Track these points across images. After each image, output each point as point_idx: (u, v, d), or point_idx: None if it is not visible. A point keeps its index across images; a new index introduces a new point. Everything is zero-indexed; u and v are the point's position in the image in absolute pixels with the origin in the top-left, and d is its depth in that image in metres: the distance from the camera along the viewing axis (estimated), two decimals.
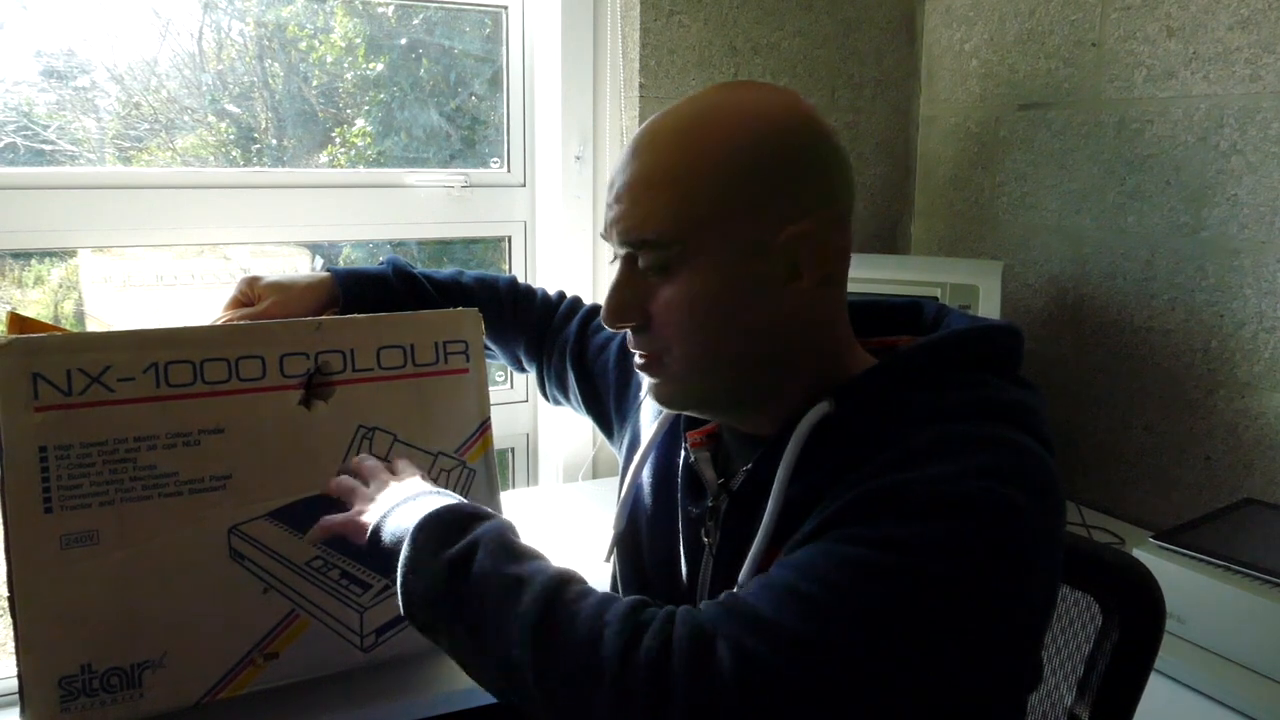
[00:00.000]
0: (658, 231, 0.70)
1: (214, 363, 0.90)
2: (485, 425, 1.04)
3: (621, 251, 0.74)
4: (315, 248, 1.75)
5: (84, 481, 0.84)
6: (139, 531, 0.86)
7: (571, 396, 1.12)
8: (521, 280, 1.20)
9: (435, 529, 0.71)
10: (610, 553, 0.90)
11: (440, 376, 1.02)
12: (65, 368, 0.84)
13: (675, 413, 0.85)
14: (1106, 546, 0.88)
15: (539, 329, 1.15)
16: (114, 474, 0.85)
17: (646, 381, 0.78)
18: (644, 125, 0.75)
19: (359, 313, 1.01)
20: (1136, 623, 0.81)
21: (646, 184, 0.71)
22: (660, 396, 0.77)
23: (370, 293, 1.07)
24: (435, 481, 0.85)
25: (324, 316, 1.01)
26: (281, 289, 1.02)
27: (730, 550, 0.76)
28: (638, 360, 0.76)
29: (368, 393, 0.98)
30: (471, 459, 1.03)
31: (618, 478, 0.97)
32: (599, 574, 0.89)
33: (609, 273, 1.70)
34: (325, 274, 1.06)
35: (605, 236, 0.75)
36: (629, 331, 0.75)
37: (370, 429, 0.97)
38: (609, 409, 1.06)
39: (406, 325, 1.01)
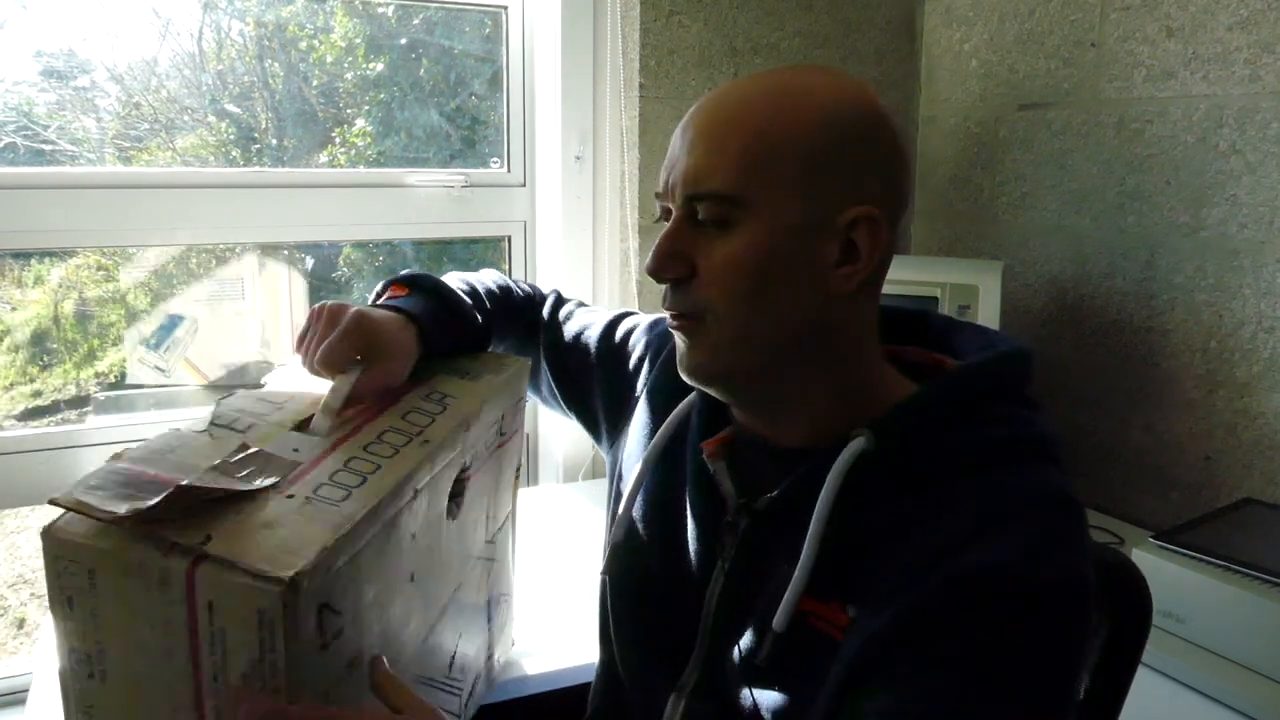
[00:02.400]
0: (725, 182, 0.68)
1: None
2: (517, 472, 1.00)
3: (679, 204, 0.71)
4: (315, 248, 1.75)
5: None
6: None
7: (547, 393, 1.05)
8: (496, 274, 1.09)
9: None
10: (607, 563, 0.86)
11: (511, 440, 0.95)
12: (344, 583, 0.63)
13: (684, 412, 0.82)
14: (1094, 543, 0.88)
15: (526, 330, 1.07)
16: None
17: (680, 344, 0.73)
18: (718, 88, 0.73)
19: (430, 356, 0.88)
20: (1124, 620, 0.81)
21: (721, 135, 0.69)
22: (688, 364, 0.73)
23: (448, 336, 0.93)
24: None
25: (465, 412, 0.82)
26: (376, 345, 0.82)
27: (747, 571, 0.74)
28: (671, 321, 0.73)
29: (479, 480, 0.87)
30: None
31: (607, 480, 0.95)
32: (595, 581, 0.88)
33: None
34: (408, 322, 0.87)
35: (661, 195, 0.73)
36: (668, 288, 0.72)
37: (484, 515, 0.89)
38: (594, 405, 1.00)
39: (503, 393, 0.89)
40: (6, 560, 2.48)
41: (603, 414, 1.00)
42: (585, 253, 1.68)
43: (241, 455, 0.66)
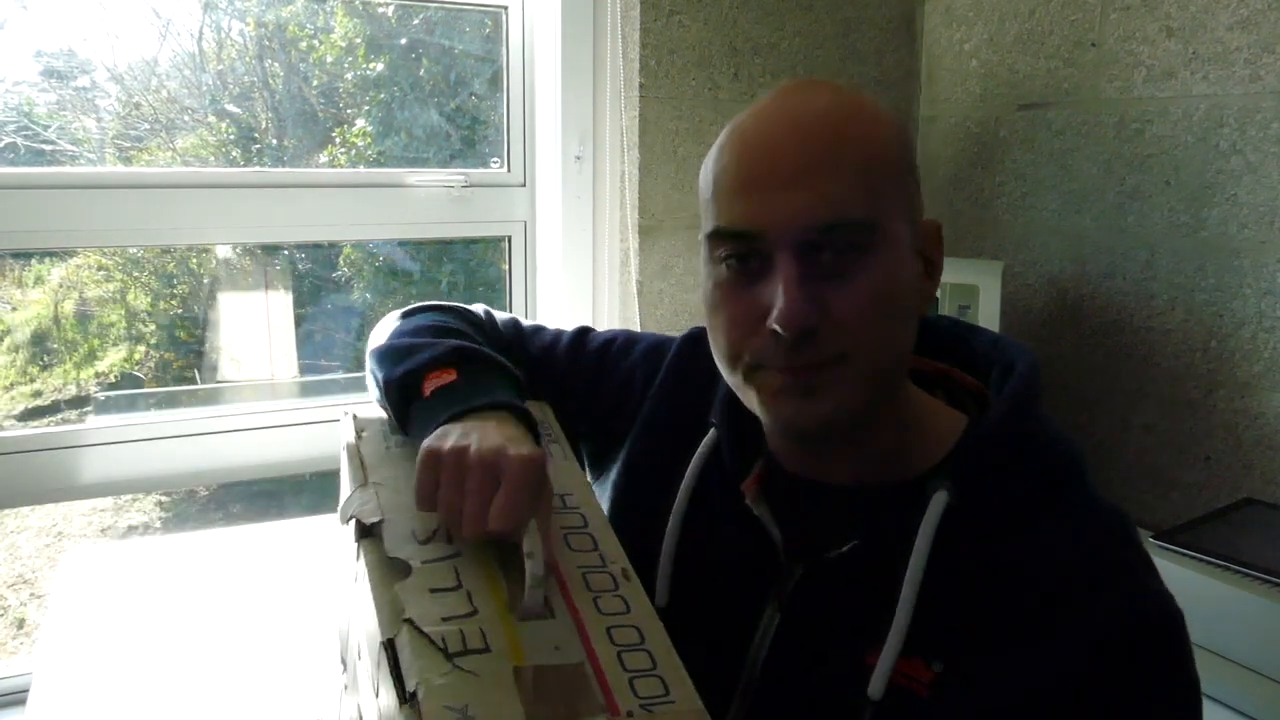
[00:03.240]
0: (862, 208, 0.63)
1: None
2: None
3: (791, 242, 0.63)
4: (315, 248, 1.75)
5: None
6: None
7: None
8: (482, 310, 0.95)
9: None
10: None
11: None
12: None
13: (709, 447, 0.76)
14: None
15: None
16: None
17: (794, 394, 0.65)
18: (777, 113, 0.66)
19: None
20: None
21: (832, 159, 0.63)
22: (821, 414, 0.65)
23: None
24: None
25: (593, 508, 0.75)
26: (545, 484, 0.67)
27: (805, 621, 0.69)
28: (798, 379, 0.64)
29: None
30: None
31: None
32: None
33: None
34: (518, 421, 0.72)
35: (755, 231, 0.63)
36: (793, 342, 0.63)
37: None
38: (585, 428, 0.88)
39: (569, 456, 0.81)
40: (6, 560, 2.48)
41: (583, 442, 0.89)
42: (585, 253, 1.68)
43: (534, 685, 0.59)
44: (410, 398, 0.76)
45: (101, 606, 1.22)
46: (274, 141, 1.60)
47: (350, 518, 0.71)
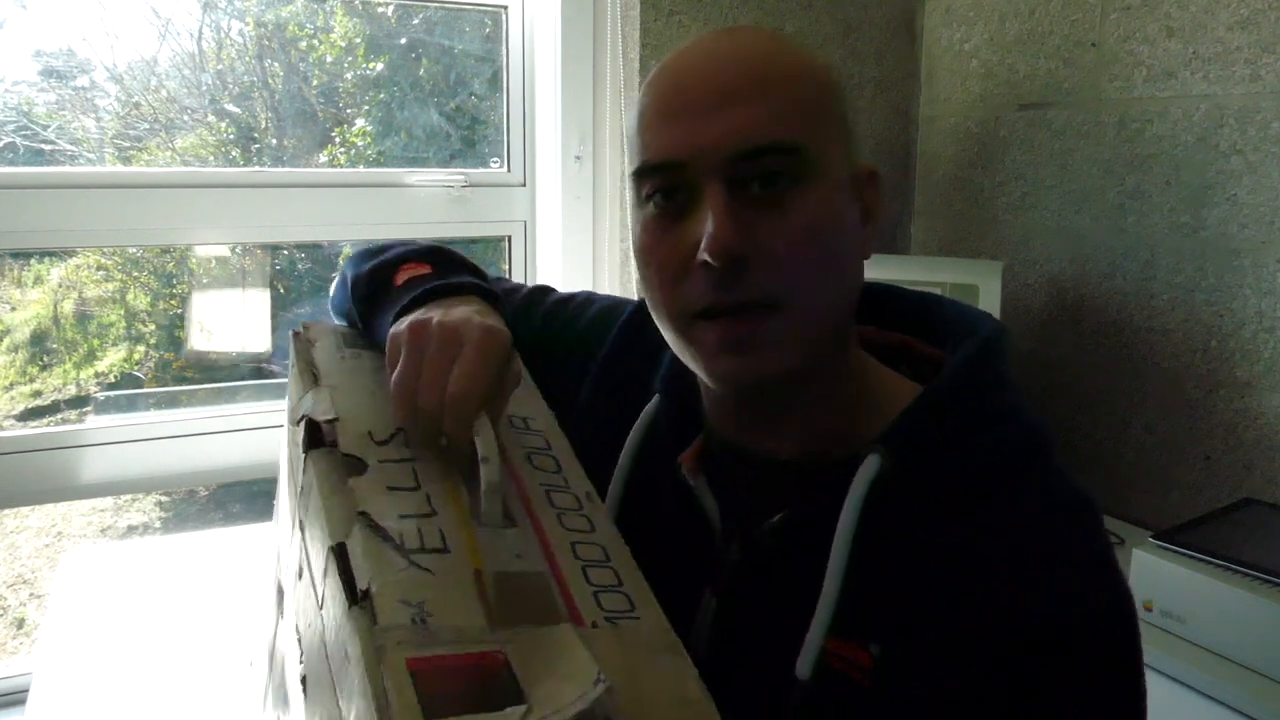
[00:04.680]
0: (790, 129, 0.58)
1: None
2: None
3: (718, 170, 0.58)
4: (315, 248, 1.75)
5: None
6: None
7: None
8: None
9: None
10: None
11: None
12: None
13: (649, 418, 0.72)
14: None
15: None
16: None
17: (731, 346, 0.60)
18: (699, 46, 0.62)
19: None
20: None
21: (760, 81, 0.59)
22: (760, 368, 0.60)
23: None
24: None
25: (560, 439, 0.71)
26: (504, 365, 0.62)
27: (741, 603, 0.65)
28: (734, 330, 0.60)
29: None
30: None
31: None
32: None
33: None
34: (491, 309, 0.69)
35: (664, 168, 0.60)
36: (715, 279, 0.58)
37: None
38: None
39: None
40: (6, 560, 2.48)
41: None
42: (585, 253, 1.68)
43: (497, 590, 0.56)
44: (377, 290, 0.73)
45: (101, 606, 1.22)
46: (274, 141, 1.60)
47: (301, 418, 0.64)
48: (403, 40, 1.66)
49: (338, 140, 1.65)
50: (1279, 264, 1.33)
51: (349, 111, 1.65)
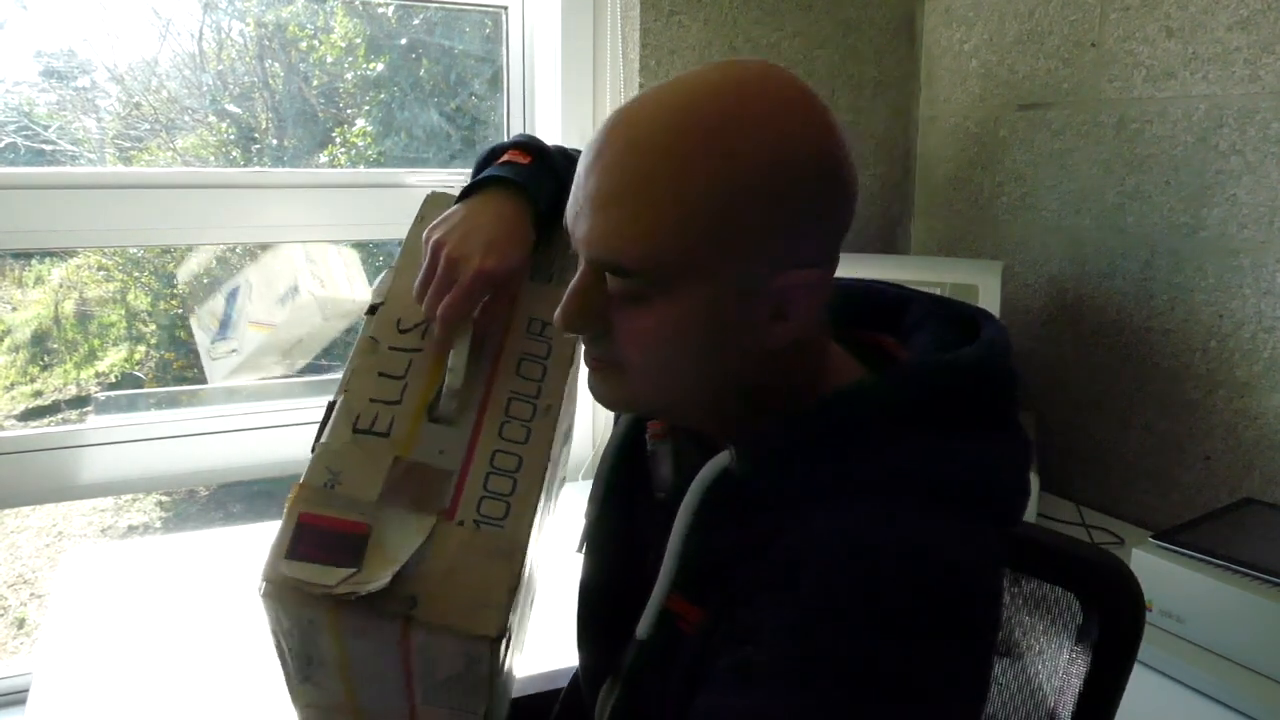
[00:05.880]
0: (633, 259, 0.58)
1: None
2: None
3: (588, 259, 0.62)
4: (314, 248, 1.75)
5: None
6: None
7: None
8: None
9: None
10: (582, 543, 0.82)
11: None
12: (518, 600, 0.71)
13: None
14: (1084, 543, 0.88)
15: None
16: None
17: (600, 387, 0.67)
18: (621, 111, 0.61)
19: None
20: (1117, 620, 0.81)
21: (621, 197, 0.58)
22: (607, 399, 0.67)
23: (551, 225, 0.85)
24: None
25: (566, 353, 0.81)
26: (497, 284, 0.77)
27: (654, 565, 0.70)
28: (590, 359, 0.67)
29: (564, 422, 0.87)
30: None
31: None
32: (573, 564, 0.83)
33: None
34: (528, 206, 0.81)
35: (568, 233, 0.64)
36: (584, 336, 0.66)
37: None
38: None
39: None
40: (6, 560, 2.48)
41: None
42: None
43: (402, 476, 0.69)
44: (481, 165, 0.87)
45: (101, 606, 1.22)
46: (274, 141, 1.60)
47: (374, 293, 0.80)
48: (403, 41, 1.66)
49: (338, 140, 1.65)
50: (1279, 264, 1.33)
51: (349, 112, 1.65)
